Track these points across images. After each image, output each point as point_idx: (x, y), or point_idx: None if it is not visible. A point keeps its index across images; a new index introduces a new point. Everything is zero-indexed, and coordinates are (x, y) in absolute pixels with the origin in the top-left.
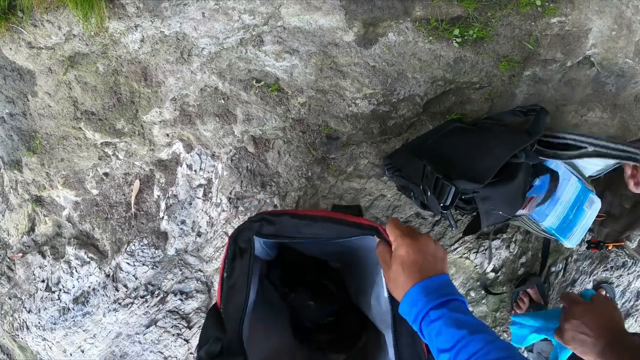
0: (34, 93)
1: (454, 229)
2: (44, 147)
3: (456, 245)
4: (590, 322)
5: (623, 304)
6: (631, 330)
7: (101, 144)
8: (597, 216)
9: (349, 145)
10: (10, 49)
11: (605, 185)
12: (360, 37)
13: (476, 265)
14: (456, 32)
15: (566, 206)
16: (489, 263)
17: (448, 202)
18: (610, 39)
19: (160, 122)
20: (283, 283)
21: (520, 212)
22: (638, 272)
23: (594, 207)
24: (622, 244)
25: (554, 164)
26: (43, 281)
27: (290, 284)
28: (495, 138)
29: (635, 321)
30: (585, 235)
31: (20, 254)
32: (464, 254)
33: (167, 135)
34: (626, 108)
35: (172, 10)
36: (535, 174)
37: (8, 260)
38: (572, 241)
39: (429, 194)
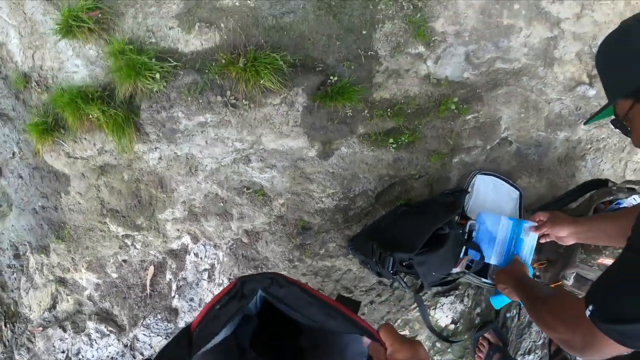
0: (66, 192)
1: (406, 290)
2: (71, 236)
3: (415, 304)
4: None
5: None
6: None
7: (122, 235)
8: (540, 264)
9: (320, 233)
10: (51, 156)
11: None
12: (321, 152)
13: (437, 320)
14: (391, 140)
15: (504, 243)
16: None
17: (391, 269)
18: (520, 120)
19: (173, 219)
20: (252, 340)
21: (454, 270)
22: None
23: (531, 234)
24: (560, 282)
25: (481, 217)
26: (63, 352)
27: (256, 344)
28: (426, 217)
29: None
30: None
31: (41, 328)
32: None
33: (178, 230)
34: (551, 170)
35: (183, 139)
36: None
37: (28, 333)
38: None
39: (377, 264)
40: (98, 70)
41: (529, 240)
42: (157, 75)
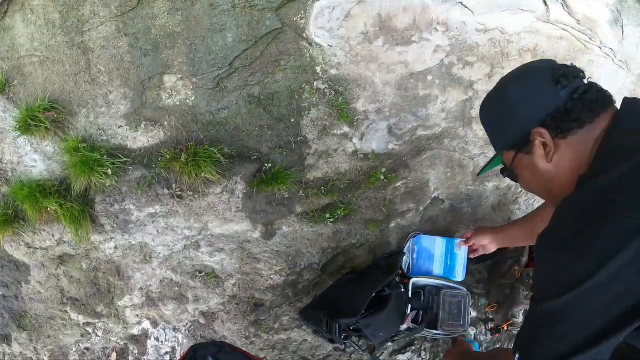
0: (27, 281)
1: (361, 352)
2: (33, 325)
3: None
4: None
5: None
6: None
7: (83, 323)
8: (491, 307)
9: (273, 308)
10: (12, 246)
11: (490, 282)
12: (264, 233)
13: None
14: (328, 215)
15: (442, 258)
16: None
17: (339, 335)
18: (448, 179)
19: (132, 306)
20: None
21: (402, 327)
22: None
23: (462, 248)
24: (512, 321)
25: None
26: None
27: None
28: (367, 282)
29: None
30: (487, 326)
31: None
32: None
33: (137, 315)
34: (487, 218)
35: (136, 229)
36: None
37: None
38: (459, 276)
39: (327, 332)
40: (55, 166)
41: (462, 253)
42: (109, 171)
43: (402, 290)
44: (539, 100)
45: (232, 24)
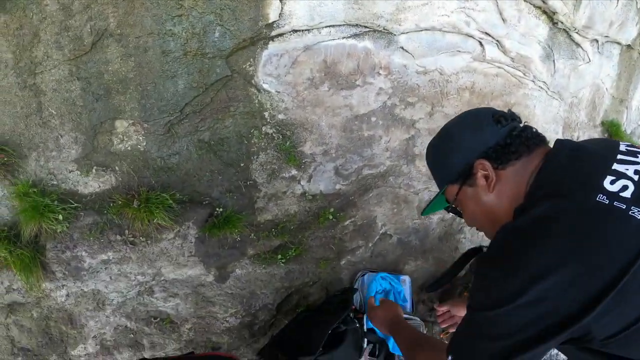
0: None
1: None
2: None
3: None
4: (375, 322)
5: None
6: None
7: None
8: (445, 333)
9: (230, 350)
10: None
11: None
12: (217, 277)
13: None
14: (280, 256)
15: (390, 292)
16: None
17: None
18: (394, 214)
19: (86, 355)
20: None
21: None
22: None
23: (407, 282)
24: None
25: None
26: None
27: None
28: (321, 319)
29: None
30: None
31: None
32: None
33: None
34: (434, 249)
35: (89, 276)
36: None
37: None
38: (407, 308)
39: None
40: (4, 210)
41: (406, 288)
42: (60, 217)
43: (357, 325)
44: (480, 135)
45: (183, 71)
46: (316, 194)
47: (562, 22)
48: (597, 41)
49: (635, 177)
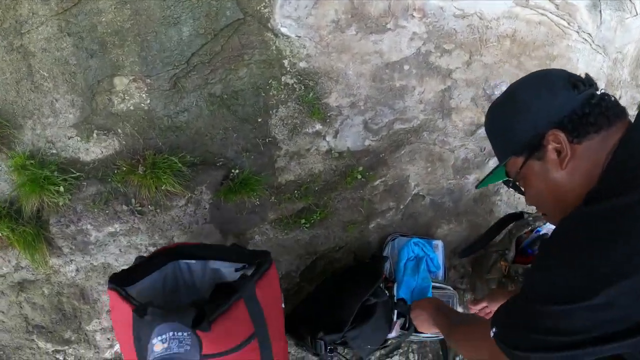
0: None
1: None
2: (0, 357)
3: None
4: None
5: None
6: None
7: (52, 351)
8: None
9: None
10: None
11: (475, 277)
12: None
13: None
14: (303, 220)
15: (422, 258)
16: None
17: (323, 352)
18: (428, 174)
19: (101, 329)
20: None
21: (390, 335)
22: None
23: (440, 248)
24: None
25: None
26: None
27: None
28: (350, 292)
29: None
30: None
31: None
32: None
33: (108, 339)
34: (469, 212)
35: (97, 249)
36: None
37: None
38: (439, 277)
39: (310, 349)
40: (4, 185)
41: (439, 254)
42: (62, 188)
43: (388, 296)
44: (554, 101)
45: (187, 16)
46: (343, 151)
47: None
48: None
49: None
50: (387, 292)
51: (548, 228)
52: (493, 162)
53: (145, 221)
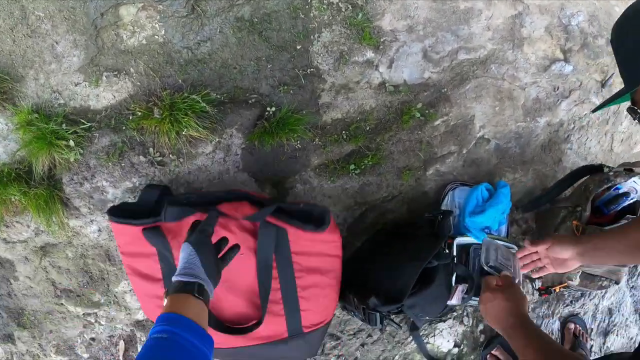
0: (15, 277)
1: (400, 329)
2: (32, 322)
3: (411, 337)
4: (486, 312)
5: (598, 325)
6: (614, 345)
7: (83, 314)
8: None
9: None
10: None
11: (540, 234)
12: (274, 195)
13: (438, 347)
14: (352, 166)
15: (484, 209)
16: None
17: (378, 324)
18: (496, 114)
19: (130, 290)
20: None
21: (449, 302)
22: (599, 294)
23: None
24: (566, 284)
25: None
26: None
27: None
28: (409, 253)
29: (617, 336)
30: (534, 284)
31: None
32: (424, 340)
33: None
34: (535, 160)
35: None
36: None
37: None
38: (502, 231)
39: (363, 319)
40: (13, 145)
41: (506, 201)
42: (72, 142)
43: (451, 258)
44: None
45: None
46: (399, 84)
47: None
48: None
49: None
50: (450, 255)
51: (629, 186)
52: (566, 104)
53: (167, 173)
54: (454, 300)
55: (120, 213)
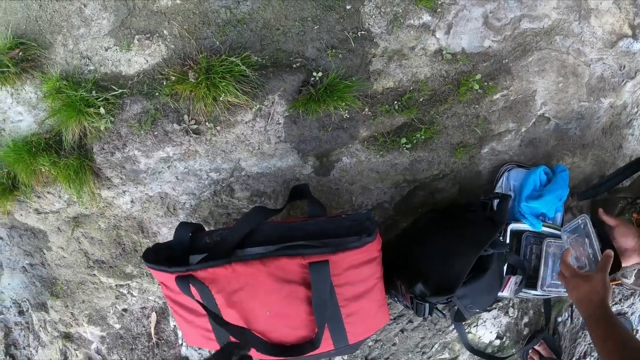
0: (48, 248)
1: (444, 317)
2: (65, 292)
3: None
4: (572, 296)
5: None
6: None
7: (115, 285)
8: None
9: None
10: (21, 214)
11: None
12: (317, 168)
13: (480, 337)
14: (404, 140)
15: (542, 194)
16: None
17: (426, 314)
18: (559, 91)
19: None
20: None
21: (501, 294)
22: None
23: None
24: (620, 282)
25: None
26: None
27: None
28: (463, 239)
29: None
30: None
31: None
32: (465, 329)
33: None
34: (595, 144)
35: (150, 178)
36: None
37: None
38: (557, 219)
39: (410, 308)
40: (42, 114)
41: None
42: (102, 110)
43: (508, 246)
44: None
45: None
46: (457, 52)
47: None
48: None
49: None
50: (506, 243)
51: None
52: (631, 85)
53: (203, 142)
54: (505, 292)
55: (154, 257)
